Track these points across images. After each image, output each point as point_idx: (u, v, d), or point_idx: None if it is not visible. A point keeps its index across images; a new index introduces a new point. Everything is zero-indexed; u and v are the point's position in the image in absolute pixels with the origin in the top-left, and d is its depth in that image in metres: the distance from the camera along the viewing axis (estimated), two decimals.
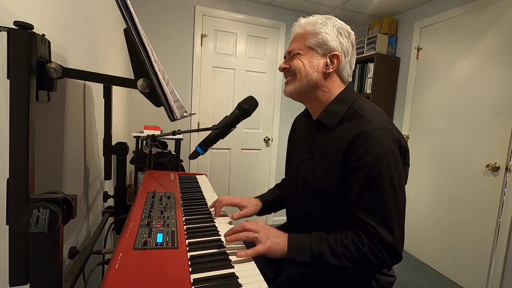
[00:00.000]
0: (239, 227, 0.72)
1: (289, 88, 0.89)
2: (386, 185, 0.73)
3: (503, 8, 2.03)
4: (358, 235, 0.74)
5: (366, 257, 0.72)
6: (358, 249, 0.72)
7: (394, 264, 0.80)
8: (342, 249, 0.73)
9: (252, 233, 0.71)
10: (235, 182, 3.07)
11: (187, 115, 1.06)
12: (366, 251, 0.72)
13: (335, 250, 0.73)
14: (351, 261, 0.73)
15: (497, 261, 2.00)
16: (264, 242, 0.71)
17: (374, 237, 0.72)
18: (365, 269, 0.75)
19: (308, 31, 0.85)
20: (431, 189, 2.51)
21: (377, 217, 0.73)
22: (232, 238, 0.69)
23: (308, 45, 0.85)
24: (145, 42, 0.63)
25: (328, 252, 0.73)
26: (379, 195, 0.73)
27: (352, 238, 0.74)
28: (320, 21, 0.85)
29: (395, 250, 0.73)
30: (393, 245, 0.72)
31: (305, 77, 0.85)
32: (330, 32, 0.84)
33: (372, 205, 0.74)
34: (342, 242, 0.74)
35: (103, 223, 1.12)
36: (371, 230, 0.72)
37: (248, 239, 0.71)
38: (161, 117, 1.24)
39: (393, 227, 0.72)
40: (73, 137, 0.96)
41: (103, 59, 1.42)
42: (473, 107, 2.19)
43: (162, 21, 2.60)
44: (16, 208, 0.49)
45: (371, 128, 0.76)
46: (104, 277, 0.51)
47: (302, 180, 0.92)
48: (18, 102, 0.49)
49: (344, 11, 2.91)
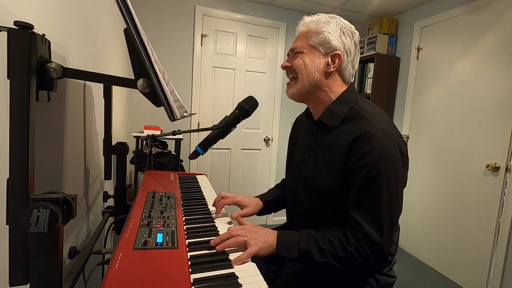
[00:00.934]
0: (226, 234, 0.72)
1: (292, 90, 0.89)
2: (383, 186, 0.73)
3: (503, 8, 2.03)
4: (345, 234, 0.75)
5: (351, 256, 0.73)
6: (344, 248, 0.74)
7: (380, 265, 0.82)
8: (329, 247, 0.75)
9: (241, 238, 0.71)
10: (235, 182, 3.07)
11: (187, 115, 1.06)
12: (352, 250, 0.73)
13: (322, 248, 0.75)
14: (337, 260, 0.74)
15: (497, 261, 2.00)
16: (254, 243, 0.72)
17: (361, 236, 0.73)
18: (351, 268, 0.76)
19: (311, 30, 0.85)
20: (431, 189, 2.51)
21: (368, 217, 0.73)
22: (222, 247, 0.68)
23: (311, 44, 0.85)
24: (145, 42, 0.63)
25: (315, 250, 0.75)
26: (374, 195, 0.74)
27: (339, 237, 0.75)
28: (324, 20, 0.85)
29: (381, 251, 0.73)
30: (380, 245, 0.73)
31: (306, 77, 0.85)
32: (332, 31, 0.84)
33: (366, 204, 0.74)
34: (329, 240, 0.75)
35: (103, 223, 1.12)
36: (360, 229, 0.73)
37: (238, 244, 0.71)
38: (161, 117, 1.24)
39: (383, 227, 0.73)
40: (73, 137, 0.96)
41: (103, 59, 1.42)
42: (473, 107, 2.19)
43: (162, 21, 2.60)
44: (16, 208, 0.49)
45: (372, 130, 0.76)
46: (104, 277, 0.51)
47: (303, 180, 0.92)
48: (18, 102, 0.49)
49: (344, 11, 2.91)
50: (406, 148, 0.81)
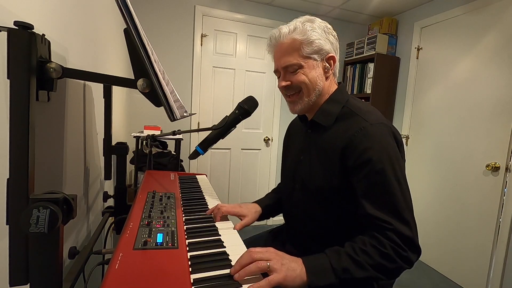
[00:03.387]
0: (247, 258, 0.60)
1: (299, 107, 0.87)
2: (392, 178, 0.71)
3: (503, 8, 2.03)
4: (375, 236, 0.68)
5: (390, 259, 0.66)
6: (380, 253, 0.66)
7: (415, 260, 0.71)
8: (365, 258, 0.66)
9: (263, 262, 0.60)
10: (235, 182, 3.07)
11: (187, 115, 1.06)
12: (389, 252, 0.66)
13: (359, 260, 0.66)
14: (378, 269, 0.66)
15: (497, 261, 2.00)
16: (279, 270, 0.61)
17: (392, 233, 0.67)
18: (394, 273, 0.68)
19: (299, 40, 0.81)
20: (431, 189, 2.51)
21: (390, 212, 0.69)
22: (243, 274, 0.57)
23: (305, 55, 0.82)
24: (145, 42, 0.63)
25: (353, 266, 0.65)
26: (387, 189, 0.71)
27: (370, 243, 0.68)
28: (309, 27, 0.81)
29: (414, 243, 0.69)
30: (412, 239, 0.68)
31: (312, 91, 0.84)
32: (321, 36, 0.82)
33: (382, 200, 0.71)
34: (362, 250, 0.67)
35: (103, 223, 1.12)
36: (388, 226, 0.68)
37: (260, 270, 0.60)
38: (161, 117, 1.24)
39: (408, 219, 0.69)
40: (73, 137, 0.96)
41: (103, 59, 1.41)
42: (473, 107, 2.19)
43: (162, 21, 2.59)
44: (16, 208, 0.49)
45: (367, 125, 0.76)
46: (104, 277, 0.51)
47: (299, 181, 0.91)
48: (18, 102, 0.49)
49: (344, 11, 2.91)
50: (400, 136, 0.81)
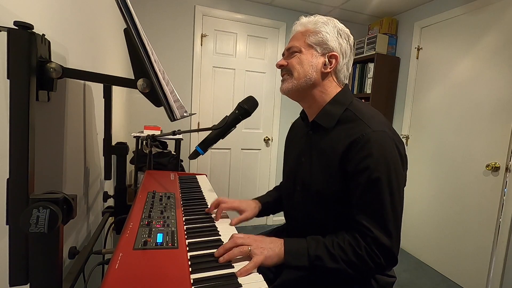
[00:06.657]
0: (230, 243, 0.68)
1: (286, 85, 0.89)
2: (385, 188, 0.73)
3: (503, 8, 2.03)
4: (355, 237, 0.73)
5: (363, 260, 0.72)
6: (355, 252, 0.72)
7: (390, 269, 0.80)
8: (340, 252, 0.73)
9: (245, 247, 0.68)
10: (235, 182, 3.07)
11: (187, 115, 1.06)
12: (363, 254, 0.71)
13: (333, 253, 0.73)
14: (349, 265, 0.72)
15: (497, 261, 2.00)
16: (260, 252, 0.69)
17: (371, 240, 0.72)
18: (362, 273, 0.74)
19: (309, 29, 0.85)
20: (431, 189, 2.51)
21: (375, 221, 0.73)
22: (226, 258, 0.64)
23: (308, 43, 0.85)
24: (145, 42, 0.63)
25: (326, 256, 0.73)
26: (378, 198, 0.73)
27: (349, 241, 0.73)
28: (322, 21, 0.86)
29: (391, 254, 0.73)
30: (390, 249, 0.72)
31: (303, 76, 0.85)
32: (330, 32, 0.84)
33: (371, 208, 0.74)
34: (339, 245, 0.74)
35: (103, 223, 1.12)
36: (368, 233, 0.72)
37: (242, 254, 0.67)
38: (161, 117, 1.24)
39: (391, 230, 0.72)
40: (73, 137, 0.96)
41: (103, 59, 1.41)
42: (473, 107, 2.19)
43: (162, 21, 2.59)
44: (16, 208, 0.49)
45: (369, 131, 0.76)
46: (104, 277, 0.51)
47: (300, 183, 0.91)
48: (18, 102, 0.49)
49: (344, 11, 2.91)
50: (403, 147, 0.81)
